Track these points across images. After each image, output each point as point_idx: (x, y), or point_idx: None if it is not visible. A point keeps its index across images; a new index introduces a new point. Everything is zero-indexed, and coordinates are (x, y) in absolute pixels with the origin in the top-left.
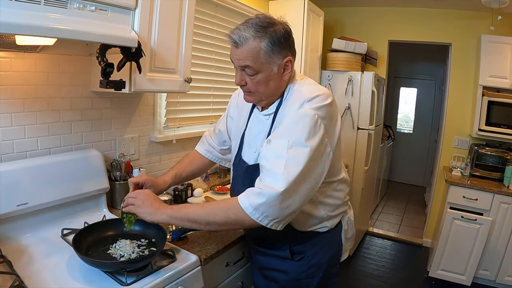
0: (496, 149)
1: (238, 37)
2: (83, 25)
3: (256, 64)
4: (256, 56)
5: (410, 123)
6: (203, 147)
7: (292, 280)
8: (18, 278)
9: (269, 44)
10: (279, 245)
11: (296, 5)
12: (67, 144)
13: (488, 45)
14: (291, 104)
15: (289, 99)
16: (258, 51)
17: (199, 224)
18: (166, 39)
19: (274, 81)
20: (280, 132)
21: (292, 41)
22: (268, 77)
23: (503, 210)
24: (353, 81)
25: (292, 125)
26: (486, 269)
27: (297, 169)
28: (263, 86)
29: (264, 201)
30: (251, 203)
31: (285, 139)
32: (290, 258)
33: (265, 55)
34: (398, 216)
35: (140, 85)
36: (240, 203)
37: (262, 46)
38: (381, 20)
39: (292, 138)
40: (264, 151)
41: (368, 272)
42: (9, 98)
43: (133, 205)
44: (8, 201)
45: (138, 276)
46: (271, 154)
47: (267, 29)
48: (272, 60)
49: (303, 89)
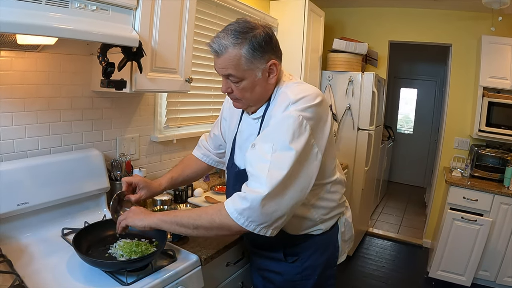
0: (496, 150)
1: (218, 46)
2: (84, 24)
3: (239, 72)
4: (238, 63)
5: (410, 124)
6: (200, 151)
7: (287, 281)
8: (18, 278)
9: (250, 50)
10: (273, 247)
11: (297, 6)
12: (67, 143)
13: (489, 46)
14: (277, 107)
15: (276, 101)
16: (239, 59)
17: (187, 228)
18: (167, 39)
19: (260, 86)
20: (264, 135)
21: (275, 43)
22: (253, 83)
23: (503, 211)
24: (353, 82)
25: (276, 128)
26: (486, 270)
27: (281, 173)
28: (249, 92)
29: (249, 205)
30: (236, 208)
31: (269, 143)
32: (284, 260)
33: (247, 61)
34: (398, 217)
35: (141, 85)
36: (226, 208)
37: (242, 53)
38: (382, 21)
39: (276, 142)
40: (249, 155)
41: (368, 272)
42: (10, 97)
43: (124, 219)
44: (9, 200)
45: (139, 276)
46: (255, 159)
47: (246, 35)
48: (255, 65)
49: (289, 91)
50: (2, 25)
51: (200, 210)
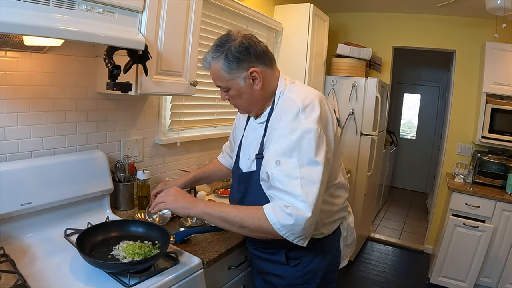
0: (499, 156)
1: (205, 62)
2: (91, 27)
3: (223, 83)
4: (220, 75)
5: (413, 129)
6: (222, 156)
7: (288, 285)
8: (21, 277)
9: (225, 63)
10: (275, 250)
11: (302, 10)
12: (72, 144)
13: (492, 53)
14: (285, 112)
15: (281, 106)
16: (219, 71)
17: (232, 225)
18: (172, 42)
19: (246, 93)
20: (287, 150)
21: (254, 51)
22: (238, 91)
23: (505, 217)
24: (357, 87)
25: (297, 142)
26: (487, 277)
27: (314, 188)
28: (238, 99)
29: (293, 223)
30: (279, 221)
31: (294, 158)
32: (286, 264)
33: (225, 73)
34: (400, 222)
35: (146, 88)
36: (268, 219)
37: (221, 66)
38: (386, 26)
39: (302, 157)
40: (276, 172)
41: (369, 277)
42: (15, 97)
43: (164, 202)
44: (12, 200)
45: (141, 278)
46: (284, 176)
47: (223, 48)
48: (235, 75)
49: (293, 96)
50: (10, 26)
51: (246, 211)
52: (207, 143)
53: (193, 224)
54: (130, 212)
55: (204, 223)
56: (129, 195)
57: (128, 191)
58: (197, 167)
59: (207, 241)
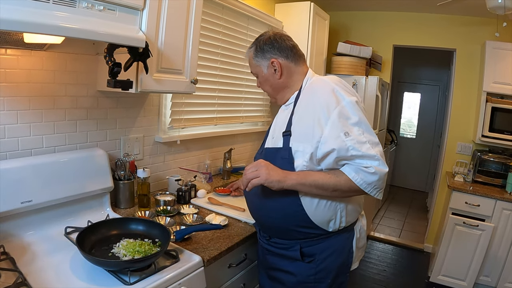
0: (499, 155)
1: (246, 53)
2: (91, 24)
3: (253, 68)
4: (251, 62)
5: (413, 128)
6: None
7: (299, 283)
8: (21, 275)
9: (254, 52)
10: (289, 245)
11: (302, 9)
12: (72, 142)
13: (493, 51)
14: (320, 89)
15: (312, 87)
16: (251, 59)
17: (325, 190)
18: (173, 40)
19: (269, 80)
20: (346, 123)
21: (278, 45)
22: (263, 78)
23: (505, 216)
24: (357, 85)
25: (348, 113)
26: (487, 275)
27: (380, 147)
28: (264, 85)
29: (377, 178)
30: (365, 181)
31: (356, 127)
32: (300, 259)
33: (254, 60)
34: (399, 221)
35: (146, 86)
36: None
37: (252, 54)
38: (386, 25)
39: (360, 124)
40: (349, 142)
41: (369, 276)
42: (15, 95)
43: (258, 177)
44: (12, 198)
45: (141, 276)
46: (356, 142)
47: (257, 41)
48: (260, 63)
49: (323, 78)
50: (10, 23)
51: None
52: (207, 141)
53: (193, 222)
54: (131, 210)
55: (204, 221)
56: (129, 193)
57: (129, 189)
58: (198, 165)
59: (208, 239)
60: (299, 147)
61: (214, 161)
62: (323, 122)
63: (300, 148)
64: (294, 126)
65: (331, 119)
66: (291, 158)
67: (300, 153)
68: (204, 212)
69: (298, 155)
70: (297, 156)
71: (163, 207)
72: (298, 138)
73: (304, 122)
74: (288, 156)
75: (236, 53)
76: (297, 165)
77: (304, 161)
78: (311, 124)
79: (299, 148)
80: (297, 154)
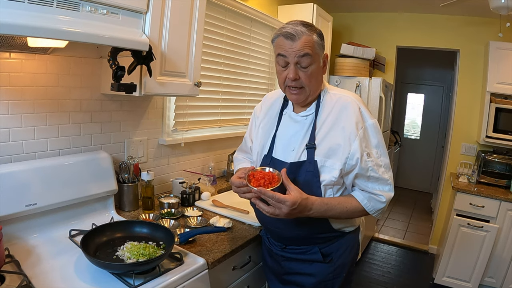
0: (503, 156)
1: (295, 31)
2: (95, 28)
3: (313, 53)
4: (312, 46)
5: (417, 129)
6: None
7: (319, 282)
8: (26, 278)
9: (318, 38)
10: (308, 249)
11: (305, 10)
12: (76, 145)
13: (496, 52)
14: (349, 107)
15: (341, 104)
16: (313, 43)
17: (339, 217)
18: (176, 43)
19: (319, 74)
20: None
21: None
22: (317, 69)
23: (510, 217)
24: (361, 87)
25: (371, 135)
26: (491, 277)
27: (391, 172)
28: (312, 78)
29: (385, 206)
30: (375, 208)
31: (374, 149)
32: (321, 261)
33: (317, 46)
34: (404, 222)
35: (150, 89)
36: (365, 208)
37: (314, 39)
38: (390, 26)
39: (379, 148)
40: (370, 163)
41: (374, 278)
42: (20, 99)
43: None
44: (17, 201)
45: (146, 278)
46: (375, 165)
47: (313, 27)
48: (320, 52)
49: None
50: (14, 27)
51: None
52: (211, 144)
53: (198, 225)
54: (135, 213)
55: (208, 223)
56: (133, 196)
57: (133, 192)
58: (202, 167)
59: (212, 242)
60: (326, 163)
61: (218, 163)
62: (352, 139)
63: (327, 164)
64: (320, 140)
65: (358, 137)
66: (316, 171)
67: (327, 168)
68: (208, 215)
69: (325, 170)
70: (323, 170)
71: (167, 209)
72: (325, 153)
73: (334, 138)
74: (313, 170)
75: (239, 55)
76: (323, 179)
77: (333, 176)
78: (341, 141)
79: (326, 163)
80: (323, 168)
